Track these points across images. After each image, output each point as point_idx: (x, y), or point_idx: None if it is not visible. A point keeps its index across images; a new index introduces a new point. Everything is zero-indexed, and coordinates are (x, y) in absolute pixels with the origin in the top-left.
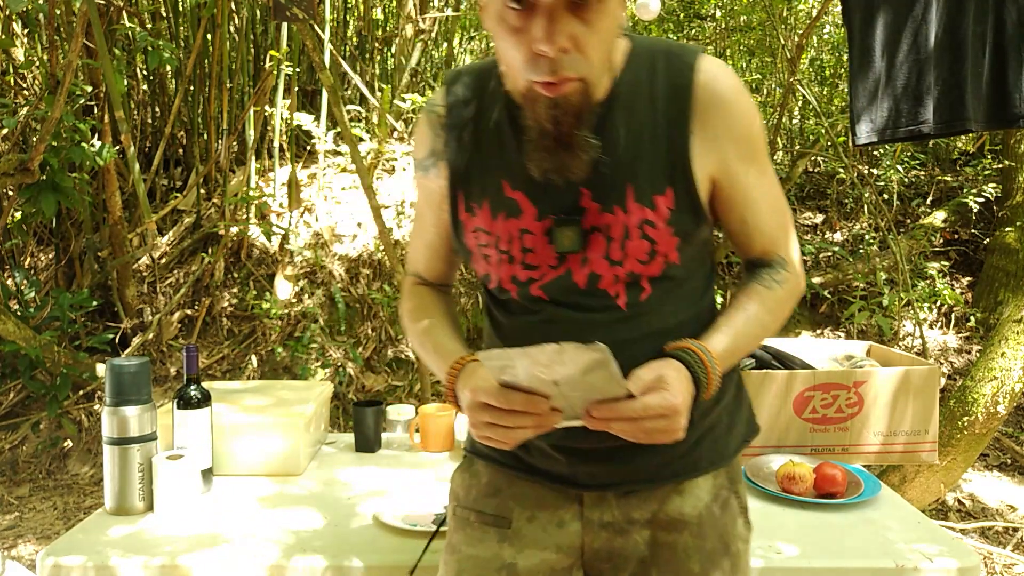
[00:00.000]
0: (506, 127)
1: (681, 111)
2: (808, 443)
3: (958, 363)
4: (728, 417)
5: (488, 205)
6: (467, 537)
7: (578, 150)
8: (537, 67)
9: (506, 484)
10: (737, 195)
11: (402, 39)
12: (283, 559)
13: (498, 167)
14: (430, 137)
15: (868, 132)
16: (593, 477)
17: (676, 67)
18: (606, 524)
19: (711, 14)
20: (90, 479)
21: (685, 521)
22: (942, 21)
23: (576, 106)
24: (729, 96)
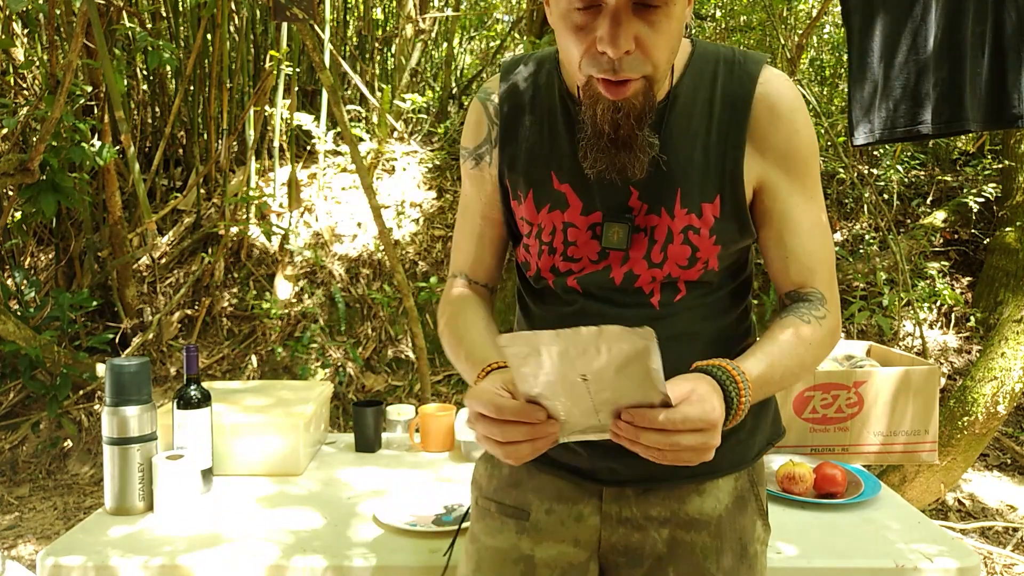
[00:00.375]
0: (560, 119)
1: (737, 121)
2: (808, 443)
3: (958, 363)
4: (752, 419)
5: (532, 196)
6: (487, 527)
7: (638, 151)
8: (599, 64)
9: (527, 476)
10: (776, 211)
11: (402, 39)
12: (283, 559)
13: (548, 158)
14: (484, 125)
15: (867, 132)
16: (613, 473)
17: (738, 76)
18: (624, 520)
19: (711, 14)
20: (90, 479)
21: (704, 521)
22: (941, 22)
23: (639, 108)
24: (786, 111)
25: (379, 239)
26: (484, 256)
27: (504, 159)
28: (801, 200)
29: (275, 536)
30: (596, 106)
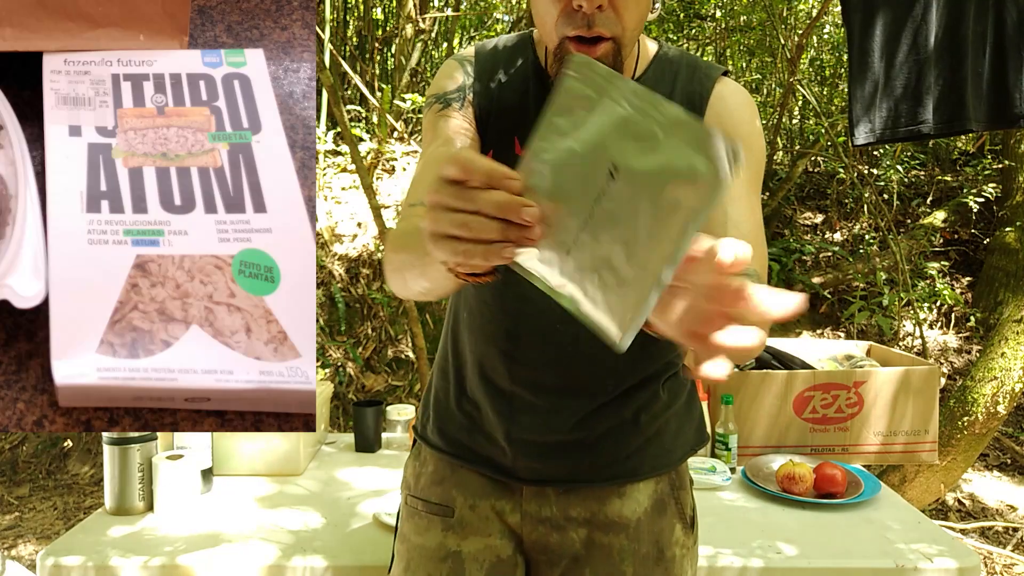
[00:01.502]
0: (531, 90)
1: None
2: (808, 443)
3: (958, 363)
4: (677, 423)
5: (492, 157)
6: (415, 526)
7: None
8: (572, 21)
9: (450, 472)
10: (719, 207)
11: (402, 39)
12: (283, 559)
13: (515, 124)
14: (459, 75)
15: (867, 132)
16: (533, 472)
17: (698, 78)
18: (544, 519)
19: (711, 14)
20: (90, 479)
21: (623, 524)
22: (942, 21)
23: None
24: (738, 109)
25: (379, 239)
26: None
27: (475, 110)
28: (746, 202)
29: (275, 536)
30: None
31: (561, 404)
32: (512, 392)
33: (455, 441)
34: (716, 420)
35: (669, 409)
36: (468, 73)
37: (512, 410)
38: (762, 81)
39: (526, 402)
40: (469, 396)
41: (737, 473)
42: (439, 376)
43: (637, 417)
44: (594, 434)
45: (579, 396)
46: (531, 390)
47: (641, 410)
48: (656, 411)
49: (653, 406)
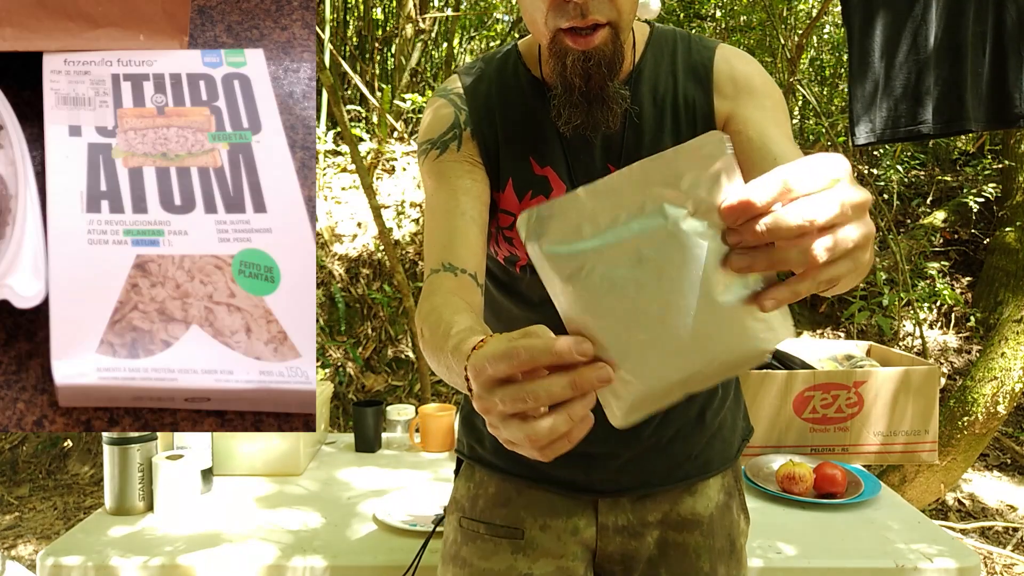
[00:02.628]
0: (531, 104)
1: (703, 87)
2: (808, 443)
3: (958, 363)
4: (731, 416)
5: (512, 183)
6: (478, 550)
7: (610, 103)
8: (565, 12)
9: (515, 493)
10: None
11: (402, 39)
12: (283, 559)
13: (524, 143)
14: (449, 111)
15: (867, 132)
16: (609, 482)
17: (696, 48)
18: (621, 528)
19: (711, 14)
20: (90, 479)
21: (697, 520)
22: (942, 21)
23: (608, 56)
24: (745, 65)
25: (379, 239)
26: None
27: (478, 143)
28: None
29: (275, 536)
30: (565, 59)
31: None
32: None
33: (520, 462)
34: None
35: (726, 403)
36: (459, 107)
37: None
38: None
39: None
40: None
41: None
42: None
43: (703, 415)
44: (665, 438)
45: None
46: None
47: (705, 407)
48: (716, 406)
49: (714, 402)
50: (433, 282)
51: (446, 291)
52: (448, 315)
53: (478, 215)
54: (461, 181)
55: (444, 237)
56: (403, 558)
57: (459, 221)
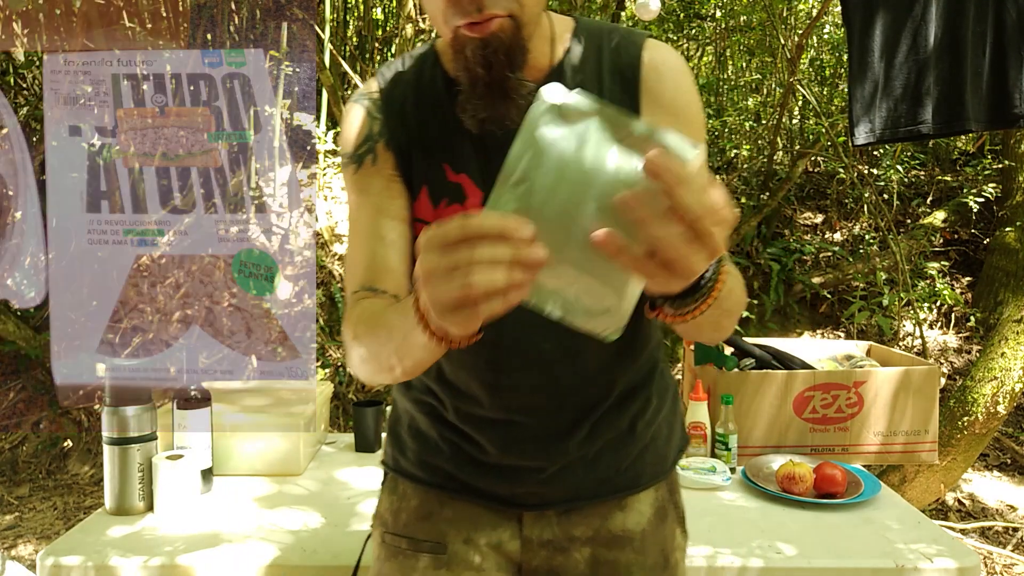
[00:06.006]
0: (447, 109)
1: (628, 89)
2: (808, 443)
3: (958, 363)
4: (668, 427)
5: (427, 191)
6: (399, 566)
7: (513, 96)
8: (461, 8)
9: (438, 506)
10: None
11: (402, 39)
12: (283, 559)
13: (439, 149)
14: (364, 123)
15: (868, 132)
16: (534, 496)
17: (624, 46)
18: (545, 542)
19: (711, 14)
20: (90, 479)
21: (628, 537)
22: (942, 21)
23: (507, 44)
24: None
25: None
26: (386, 258)
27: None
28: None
29: (275, 536)
30: (465, 51)
31: (555, 424)
32: (502, 420)
33: (443, 473)
34: (716, 420)
35: (660, 413)
36: (374, 114)
37: (506, 438)
38: (762, 81)
39: (519, 426)
40: (454, 427)
41: (737, 473)
42: (414, 406)
43: (633, 426)
44: (593, 449)
45: (572, 413)
46: (522, 415)
47: (636, 418)
48: (649, 417)
49: (646, 412)
50: (354, 301)
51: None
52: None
53: (398, 237)
54: (381, 199)
55: (366, 261)
56: None
57: (379, 246)
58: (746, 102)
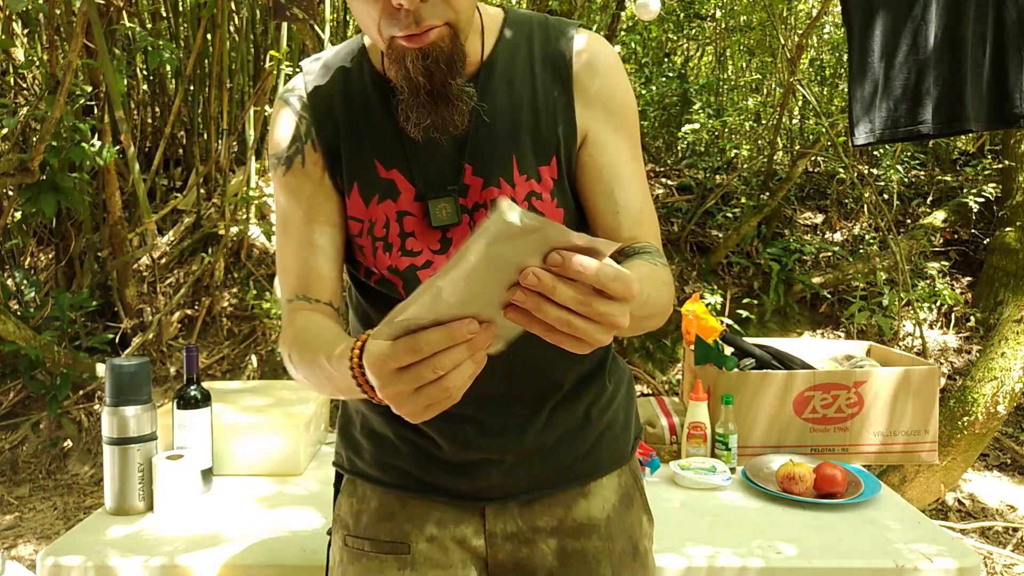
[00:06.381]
0: (375, 103)
1: (561, 79)
2: (808, 443)
3: (958, 363)
4: (624, 414)
5: (358, 189)
6: (364, 569)
7: (456, 101)
8: (399, 21)
9: (399, 506)
10: (605, 165)
11: None
12: (283, 559)
13: (370, 146)
14: (291, 123)
15: (868, 132)
16: (495, 489)
17: (554, 36)
18: (510, 535)
19: (711, 14)
20: (90, 479)
21: (593, 525)
22: (942, 21)
23: (447, 52)
24: (606, 66)
25: None
26: (318, 266)
27: (322, 153)
28: (628, 157)
29: (275, 536)
30: (404, 61)
31: (511, 415)
32: (458, 414)
33: (401, 472)
34: (716, 420)
35: (615, 400)
36: (301, 114)
37: (462, 432)
38: (762, 81)
39: (475, 421)
40: (410, 425)
41: (737, 473)
42: (365, 406)
43: (588, 413)
44: (551, 439)
45: (527, 403)
46: (477, 408)
47: (591, 405)
48: (604, 403)
49: (601, 399)
50: (290, 312)
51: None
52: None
53: (328, 242)
54: (311, 203)
55: (298, 269)
56: None
57: (310, 254)
58: (746, 102)
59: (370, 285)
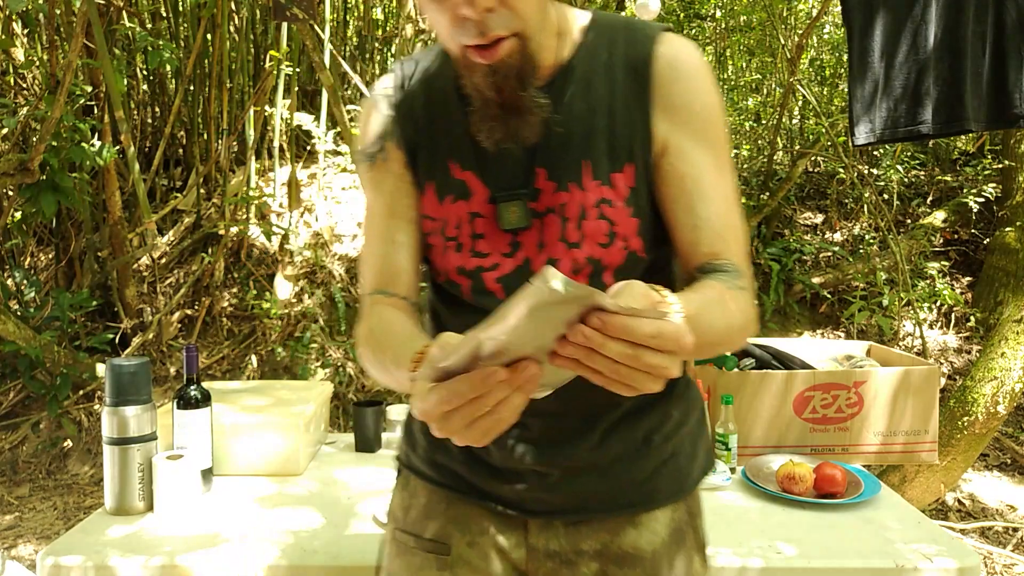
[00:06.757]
0: (455, 106)
1: (640, 84)
2: (808, 443)
3: (958, 363)
4: (691, 445)
5: (434, 188)
6: (407, 564)
7: (527, 113)
8: (466, 30)
9: (445, 506)
10: (687, 175)
11: (402, 39)
12: (282, 559)
13: (447, 146)
14: (378, 120)
15: (868, 132)
16: (541, 503)
17: (637, 40)
18: (552, 553)
19: (711, 14)
20: (90, 479)
21: (639, 557)
22: (942, 21)
23: (515, 67)
24: (689, 71)
25: None
26: (397, 261)
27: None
28: (712, 167)
29: (275, 536)
30: (474, 75)
31: (564, 428)
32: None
33: (450, 472)
34: (716, 420)
35: (682, 429)
36: (386, 111)
37: (515, 440)
38: (762, 81)
39: (529, 430)
40: None
41: (737, 473)
42: None
43: (649, 438)
44: (605, 460)
45: (582, 418)
46: (533, 417)
47: (653, 431)
48: (668, 431)
49: (665, 426)
50: (369, 305)
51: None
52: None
53: (407, 238)
54: (392, 199)
55: (378, 263)
56: None
57: (390, 249)
58: (746, 102)
59: (441, 285)
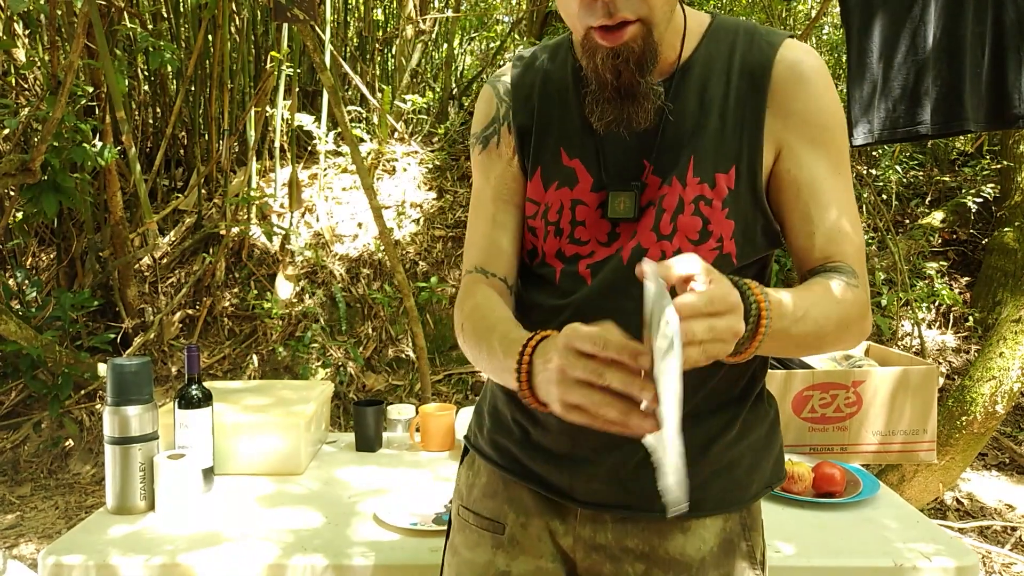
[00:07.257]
0: (571, 95)
1: (757, 88)
2: (807, 442)
3: (956, 363)
4: (753, 457)
5: (540, 173)
6: (466, 540)
7: (642, 99)
8: (593, 11)
9: (502, 487)
10: (802, 181)
11: (402, 40)
12: (283, 558)
13: (558, 134)
14: (492, 104)
15: (866, 133)
16: (591, 494)
17: (758, 44)
18: (598, 546)
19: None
20: (91, 478)
21: (686, 563)
22: (941, 21)
23: (637, 53)
24: (808, 77)
25: (379, 239)
26: (499, 242)
27: (515, 136)
28: (829, 173)
29: (275, 535)
30: (595, 56)
31: None
32: None
33: (509, 455)
34: None
35: (744, 440)
36: (502, 98)
37: (573, 428)
38: None
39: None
40: (526, 410)
41: None
42: (497, 386)
43: (708, 446)
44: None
45: None
46: None
47: (713, 440)
48: (729, 441)
49: (726, 435)
50: (469, 283)
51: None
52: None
53: (511, 220)
54: (499, 183)
55: (481, 242)
56: (403, 557)
57: (494, 231)
58: None
59: (530, 267)
